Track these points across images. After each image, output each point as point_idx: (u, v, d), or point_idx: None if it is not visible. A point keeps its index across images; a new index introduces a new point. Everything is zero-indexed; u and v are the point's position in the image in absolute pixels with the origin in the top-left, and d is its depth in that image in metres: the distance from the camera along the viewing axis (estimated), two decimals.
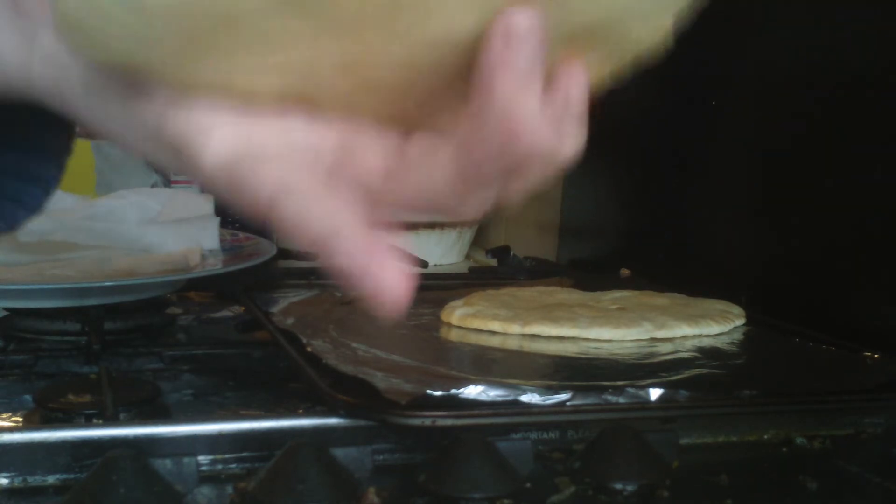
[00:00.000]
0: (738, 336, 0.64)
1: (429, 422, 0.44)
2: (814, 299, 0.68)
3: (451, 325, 0.65)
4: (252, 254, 0.80)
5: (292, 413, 0.52)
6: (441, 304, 0.69)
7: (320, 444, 0.42)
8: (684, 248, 0.85)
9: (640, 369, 0.54)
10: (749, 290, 0.72)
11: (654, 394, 0.48)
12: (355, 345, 0.56)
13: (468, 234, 1.22)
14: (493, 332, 0.63)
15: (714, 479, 0.45)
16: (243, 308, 0.76)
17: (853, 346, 0.59)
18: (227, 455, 0.44)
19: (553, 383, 0.49)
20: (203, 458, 0.44)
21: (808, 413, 0.51)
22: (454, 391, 0.46)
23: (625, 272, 0.90)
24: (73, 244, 0.79)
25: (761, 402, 0.50)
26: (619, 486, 0.43)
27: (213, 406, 0.57)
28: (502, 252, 1.00)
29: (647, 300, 0.71)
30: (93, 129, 0.32)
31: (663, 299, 0.71)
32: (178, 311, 0.80)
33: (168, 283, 0.73)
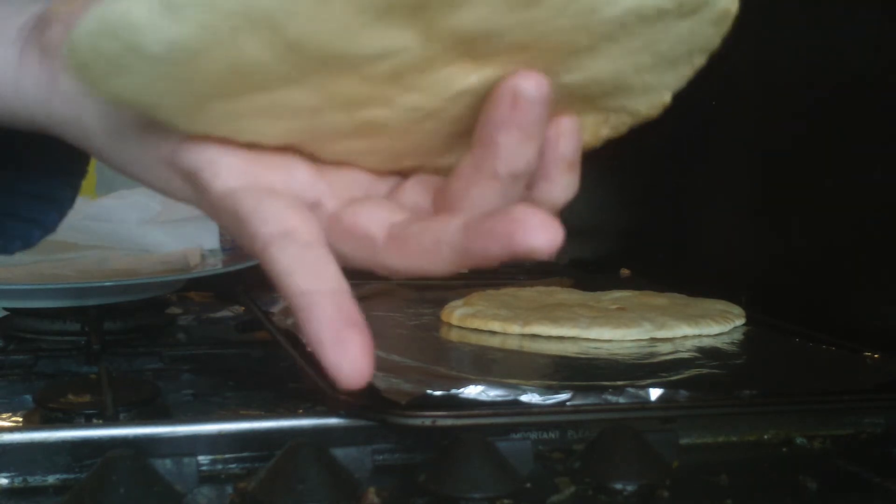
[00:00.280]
0: (738, 336, 0.64)
1: (429, 422, 0.44)
2: (814, 299, 0.68)
3: (451, 325, 0.65)
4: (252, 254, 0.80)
5: (292, 413, 0.52)
6: (441, 304, 0.69)
7: (320, 444, 0.42)
8: (684, 248, 0.85)
9: (640, 369, 0.54)
10: (749, 290, 0.72)
11: (654, 394, 0.48)
12: None
13: None
14: (493, 332, 0.63)
15: (714, 479, 0.45)
16: (243, 308, 0.76)
17: (853, 346, 0.59)
18: (227, 455, 0.44)
19: (553, 383, 0.49)
20: (203, 458, 0.44)
21: (808, 413, 0.51)
22: (454, 391, 0.46)
23: (625, 272, 0.90)
24: (73, 244, 0.79)
25: (761, 402, 0.50)
26: (619, 486, 0.43)
27: (213, 406, 0.57)
28: None
29: (647, 300, 0.71)
30: (108, 163, 0.33)
31: (663, 299, 0.71)
32: (178, 311, 0.80)
33: (168, 283, 0.73)
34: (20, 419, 0.53)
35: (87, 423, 0.49)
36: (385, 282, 0.81)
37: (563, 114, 0.31)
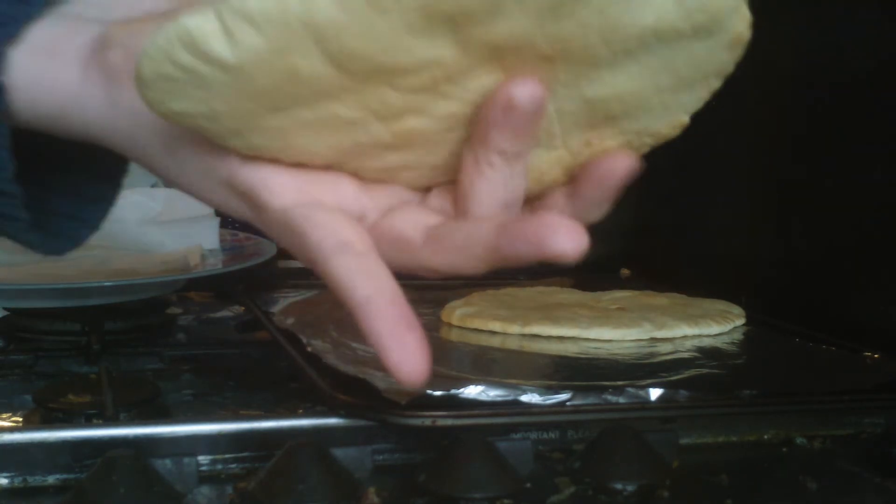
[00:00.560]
0: (738, 336, 0.64)
1: (429, 422, 0.44)
2: (814, 299, 0.68)
3: (451, 325, 0.65)
4: (252, 254, 0.80)
5: (292, 413, 0.52)
6: (441, 304, 0.69)
7: (320, 444, 0.42)
8: (684, 249, 0.85)
9: (640, 369, 0.54)
10: (749, 290, 0.72)
11: (654, 394, 0.48)
12: (355, 345, 0.56)
13: None
14: (493, 332, 0.63)
15: (714, 479, 0.45)
16: (243, 308, 0.76)
17: (853, 346, 0.59)
18: (227, 455, 0.44)
19: (553, 383, 0.49)
20: (203, 458, 0.44)
21: (808, 413, 0.51)
22: (454, 391, 0.46)
23: (625, 272, 0.90)
24: None
25: (761, 402, 0.50)
26: (619, 486, 0.43)
27: (213, 406, 0.57)
28: None
29: (647, 300, 0.71)
30: (165, 180, 0.35)
31: (663, 299, 0.71)
32: (178, 311, 0.80)
33: (168, 283, 0.73)
34: (20, 419, 0.53)
35: (87, 423, 0.49)
36: None
37: (604, 144, 0.33)
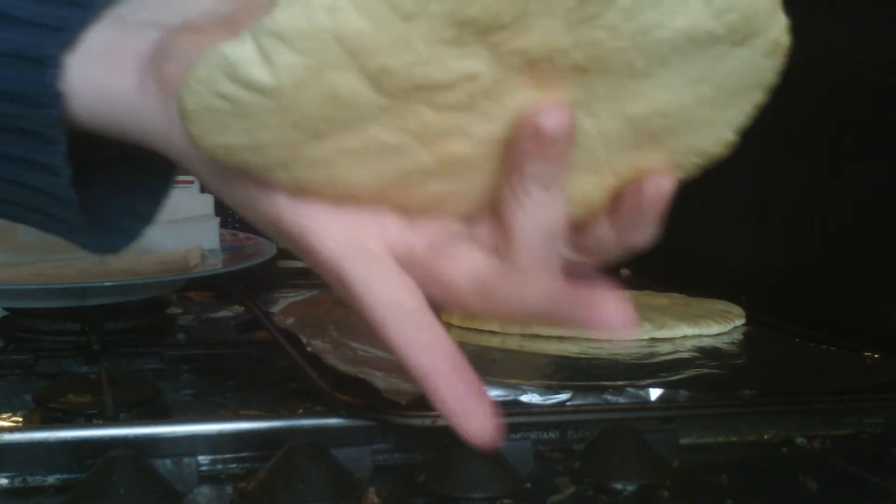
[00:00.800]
0: (738, 336, 0.64)
1: (429, 422, 0.44)
2: (814, 299, 0.68)
3: (451, 324, 0.65)
4: (252, 254, 0.80)
5: (292, 413, 0.52)
6: None
7: (320, 444, 0.42)
8: (684, 248, 0.85)
9: (640, 369, 0.54)
10: (749, 290, 0.72)
11: (654, 394, 0.48)
12: (355, 345, 0.56)
13: None
14: (493, 332, 0.63)
15: (714, 479, 0.45)
16: (243, 308, 0.76)
17: (853, 346, 0.59)
18: (227, 455, 0.44)
19: (553, 383, 0.49)
20: (203, 458, 0.44)
21: (808, 413, 0.51)
22: None
23: (625, 272, 0.90)
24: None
25: (761, 402, 0.50)
26: (619, 486, 0.43)
27: (213, 406, 0.57)
28: None
29: (647, 300, 0.71)
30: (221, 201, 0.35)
31: (663, 299, 0.71)
32: (178, 311, 0.80)
33: (168, 283, 0.73)
34: (20, 419, 0.53)
35: (87, 423, 0.49)
36: None
37: (650, 166, 0.32)
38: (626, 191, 0.32)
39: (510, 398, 0.46)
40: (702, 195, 0.83)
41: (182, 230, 0.83)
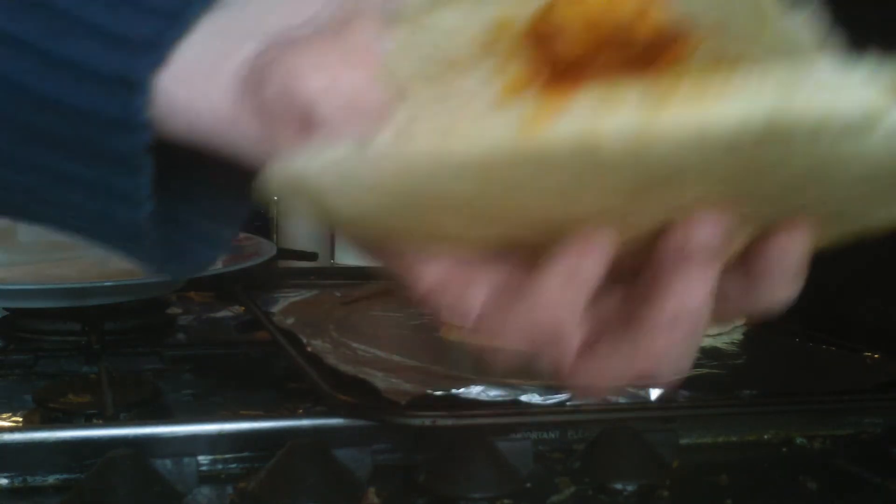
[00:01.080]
0: (738, 336, 0.64)
1: (429, 422, 0.44)
2: (814, 299, 0.67)
3: (451, 325, 0.65)
4: (252, 254, 0.80)
5: (292, 413, 0.52)
6: None
7: (320, 444, 0.42)
8: None
9: None
10: None
11: (654, 394, 0.48)
12: (355, 345, 0.56)
13: None
14: None
15: (714, 479, 0.45)
16: (243, 308, 0.76)
17: (853, 346, 0.59)
18: (227, 455, 0.44)
19: (553, 383, 0.49)
20: (203, 458, 0.44)
21: (808, 413, 0.51)
22: (454, 391, 0.46)
23: None
24: (74, 244, 0.78)
25: (761, 402, 0.50)
26: (619, 486, 0.43)
27: (213, 406, 0.57)
28: None
29: None
30: None
31: None
32: (178, 311, 0.80)
33: (168, 284, 0.73)
34: (20, 419, 0.53)
35: (87, 423, 0.49)
36: (385, 282, 0.81)
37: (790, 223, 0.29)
38: (758, 248, 0.29)
39: (510, 398, 0.46)
40: None
41: None
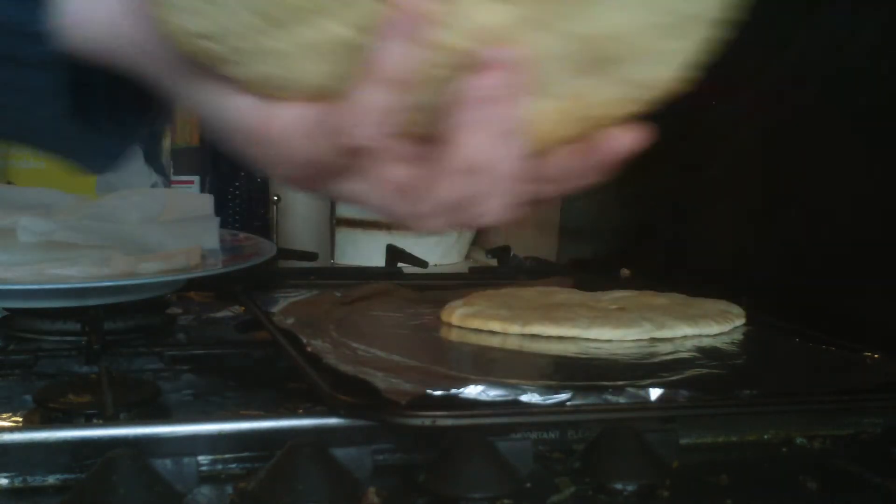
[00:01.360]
0: (738, 336, 0.64)
1: (429, 422, 0.44)
2: (814, 299, 0.68)
3: (451, 325, 0.65)
4: (252, 254, 0.80)
5: (292, 413, 0.52)
6: (441, 304, 0.69)
7: (320, 444, 0.42)
8: (684, 248, 0.85)
9: (640, 369, 0.54)
10: (749, 291, 0.72)
11: (654, 394, 0.48)
12: (355, 345, 0.56)
13: (468, 234, 1.22)
14: (493, 332, 0.63)
15: (714, 479, 0.45)
16: (243, 308, 0.76)
17: (853, 346, 0.59)
18: (227, 455, 0.44)
19: (553, 383, 0.49)
20: (203, 458, 0.44)
21: (808, 413, 0.51)
22: (454, 391, 0.46)
23: (625, 272, 0.90)
24: (73, 244, 0.78)
25: (761, 402, 0.50)
26: (619, 486, 0.43)
27: (213, 406, 0.57)
28: (502, 252, 1.00)
29: (647, 300, 0.71)
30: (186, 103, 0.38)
31: (663, 299, 0.71)
32: (178, 311, 0.80)
33: (168, 283, 0.73)
34: (20, 419, 0.53)
35: (87, 423, 0.49)
36: (385, 282, 0.81)
37: (594, 91, 0.34)
38: (589, 140, 0.36)
39: (510, 398, 0.46)
40: (702, 195, 0.83)
41: (182, 230, 0.83)
